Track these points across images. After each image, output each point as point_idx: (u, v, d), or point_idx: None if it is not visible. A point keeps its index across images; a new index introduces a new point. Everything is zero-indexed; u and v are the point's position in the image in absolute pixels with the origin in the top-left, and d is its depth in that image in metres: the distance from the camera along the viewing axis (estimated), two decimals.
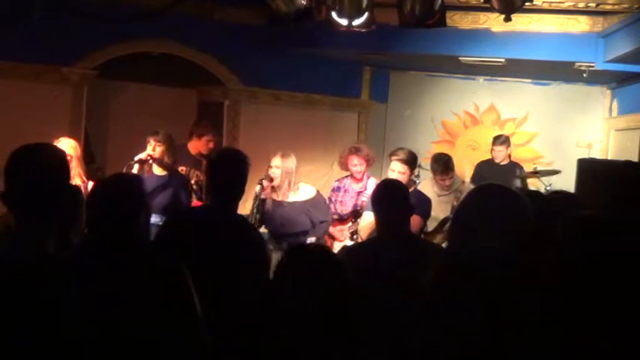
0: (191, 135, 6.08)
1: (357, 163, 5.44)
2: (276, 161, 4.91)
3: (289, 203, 4.94)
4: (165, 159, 5.08)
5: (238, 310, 2.58)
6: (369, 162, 5.47)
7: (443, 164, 5.60)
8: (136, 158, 4.99)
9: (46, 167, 2.28)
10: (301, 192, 5.01)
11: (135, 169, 4.95)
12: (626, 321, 1.88)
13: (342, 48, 6.85)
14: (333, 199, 5.61)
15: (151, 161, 5.06)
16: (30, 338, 1.95)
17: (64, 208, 2.32)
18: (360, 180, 5.50)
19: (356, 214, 5.42)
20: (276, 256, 4.62)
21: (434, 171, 5.72)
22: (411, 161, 4.83)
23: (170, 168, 5.15)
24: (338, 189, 5.64)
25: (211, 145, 6.09)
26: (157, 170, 5.11)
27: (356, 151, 5.48)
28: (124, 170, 4.84)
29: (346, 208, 5.50)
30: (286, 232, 4.92)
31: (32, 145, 2.39)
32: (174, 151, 5.20)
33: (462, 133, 8.44)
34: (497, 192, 2.14)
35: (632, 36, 5.83)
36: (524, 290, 1.95)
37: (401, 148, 5.01)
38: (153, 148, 5.05)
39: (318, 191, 5.16)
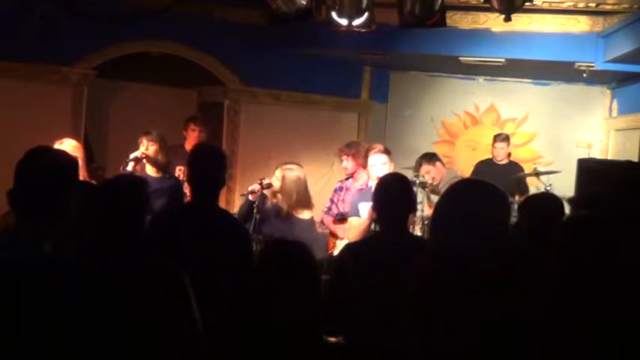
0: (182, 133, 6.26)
1: (342, 160, 5.50)
2: (277, 172, 4.69)
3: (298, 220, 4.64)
4: (159, 158, 5.13)
5: (225, 305, 2.57)
6: (354, 157, 5.46)
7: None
8: (131, 156, 5.05)
9: (55, 171, 2.29)
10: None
11: (130, 167, 5.00)
12: (625, 321, 1.89)
13: (342, 48, 6.84)
14: (335, 200, 5.63)
15: (144, 160, 5.10)
16: (25, 337, 1.95)
17: (66, 211, 2.33)
18: (352, 173, 5.52)
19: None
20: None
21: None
22: (388, 150, 5.03)
23: (164, 168, 5.20)
24: (340, 189, 5.66)
25: (196, 133, 6.22)
26: (150, 171, 5.15)
27: (343, 147, 5.54)
28: (121, 169, 4.90)
29: (347, 206, 5.51)
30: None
31: (45, 148, 2.40)
32: (167, 152, 5.25)
33: (462, 133, 8.43)
34: (472, 185, 2.18)
35: (632, 36, 5.82)
36: (511, 285, 1.97)
37: (372, 145, 5.11)
38: (146, 148, 5.10)
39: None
